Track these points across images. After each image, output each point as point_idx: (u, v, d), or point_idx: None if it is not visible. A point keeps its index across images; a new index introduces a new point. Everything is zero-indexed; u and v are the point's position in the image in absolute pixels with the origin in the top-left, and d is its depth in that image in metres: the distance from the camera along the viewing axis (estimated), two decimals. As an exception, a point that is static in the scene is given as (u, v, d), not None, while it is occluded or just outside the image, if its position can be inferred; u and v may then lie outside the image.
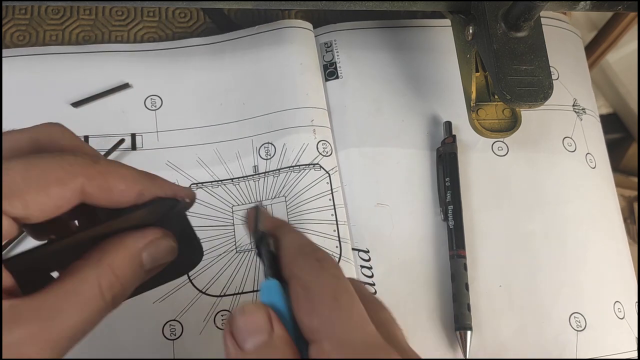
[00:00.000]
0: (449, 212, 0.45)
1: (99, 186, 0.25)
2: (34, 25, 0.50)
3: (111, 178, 0.25)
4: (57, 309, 0.23)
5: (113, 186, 0.25)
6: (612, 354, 0.44)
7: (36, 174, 0.24)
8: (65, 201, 0.24)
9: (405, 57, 0.51)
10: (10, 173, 0.23)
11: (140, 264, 0.26)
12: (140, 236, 0.26)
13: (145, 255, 0.26)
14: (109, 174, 0.25)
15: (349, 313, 0.24)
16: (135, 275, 0.26)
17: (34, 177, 0.23)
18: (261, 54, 0.49)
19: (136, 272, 0.26)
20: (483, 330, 0.43)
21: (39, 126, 0.27)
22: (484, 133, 0.45)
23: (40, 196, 0.23)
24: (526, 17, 0.40)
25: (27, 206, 0.23)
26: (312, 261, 0.26)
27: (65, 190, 0.24)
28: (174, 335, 0.41)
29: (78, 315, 0.24)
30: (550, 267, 0.46)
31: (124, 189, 0.26)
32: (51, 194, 0.24)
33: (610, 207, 0.50)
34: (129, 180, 0.26)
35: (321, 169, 0.46)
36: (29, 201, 0.23)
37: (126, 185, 0.26)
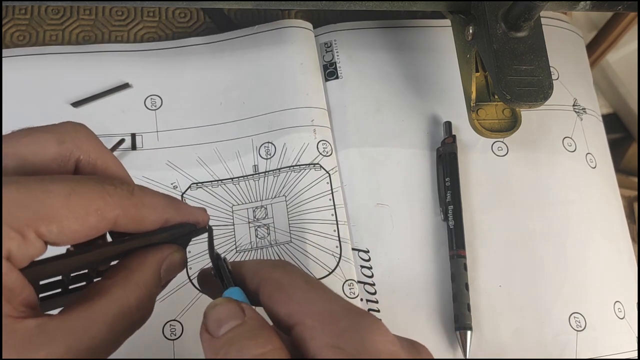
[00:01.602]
0: (449, 212, 0.45)
1: (132, 217, 0.25)
2: (34, 25, 0.50)
3: (144, 210, 0.26)
4: (87, 329, 0.23)
5: (144, 217, 0.26)
6: (612, 354, 0.44)
7: (78, 202, 0.23)
8: (97, 230, 0.24)
9: (405, 57, 0.51)
10: (53, 197, 0.23)
11: (159, 278, 0.27)
12: (159, 252, 0.27)
13: (162, 271, 0.27)
14: (143, 206, 0.26)
15: (322, 289, 0.25)
16: (155, 293, 0.27)
17: (75, 206, 0.23)
18: (261, 54, 0.49)
19: (156, 290, 0.27)
20: (483, 330, 0.43)
21: (65, 126, 0.27)
22: (484, 133, 0.45)
23: (77, 225, 0.23)
24: (526, 17, 0.40)
25: (62, 232, 0.23)
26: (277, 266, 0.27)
27: (100, 222, 0.24)
28: (174, 335, 0.41)
29: (106, 335, 0.24)
30: (550, 267, 0.46)
31: (153, 220, 0.26)
32: (88, 223, 0.24)
33: (611, 207, 0.50)
34: (158, 210, 0.27)
35: (321, 169, 0.46)
36: (65, 228, 0.23)
37: (156, 216, 0.26)
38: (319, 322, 0.24)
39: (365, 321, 0.24)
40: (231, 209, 0.45)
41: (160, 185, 0.45)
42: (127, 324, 0.25)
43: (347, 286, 0.43)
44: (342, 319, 0.24)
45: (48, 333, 0.22)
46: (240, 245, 0.44)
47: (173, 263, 0.27)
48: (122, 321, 0.24)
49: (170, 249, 0.28)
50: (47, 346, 0.22)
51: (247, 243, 0.44)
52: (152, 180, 0.45)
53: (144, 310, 0.25)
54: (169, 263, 0.27)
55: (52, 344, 0.22)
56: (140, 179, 0.45)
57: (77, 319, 0.23)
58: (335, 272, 0.43)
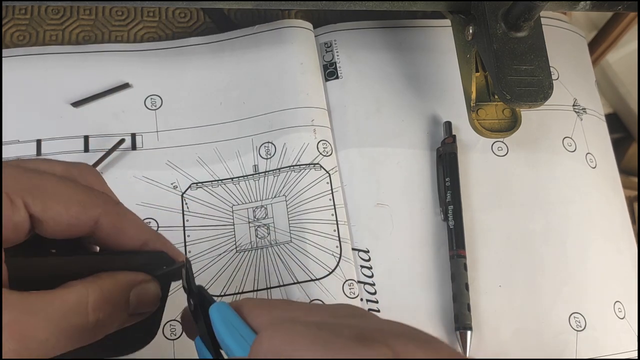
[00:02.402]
0: (449, 212, 0.45)
1: (113, 224, 0.27)
2: (34, 25, 0.50)
3: (125, 220, 0.28)
4: (40, 307, 0.24)
5: (125, 228, 0.28)
6: (612, 354, 0.44)
7: (65, 190, 0.26)
8: (79, 224, 0.26)
9: (405, 57, 0.51)
10: (43, 178, 0.26)
11: (127, 301, 0.27)
12: (132, 275, 0.28)
13: (132, 294, 0.27)
14: (124, 216, 0.28)
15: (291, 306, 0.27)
16: (120, 309, 0.27)
17: (61, 190, 0.26)
18: (261, 54, 0.49)
19: (122, 307, 0.27)
20: (483, 330, 0.43)
21: (76, 164, 0.29)
22: (484, 133, 0.45)
23: (60, 207, 0.26)
24: (526, 17, 0.40)
25: (45, 209, 0.25)
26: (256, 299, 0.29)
27: (83, 214, 0.26)
28: (174, 335, 0.41)
29: (59, 322, 0.24)
30: (550, 267, 0.46)
31: (133, 235, 0.28)
32: (70, 211, 0.26)
33: (611, 207, 0.50)
34: (139, 227, 0.28)
35: (321, 169, 0.46)
36: (48, 206, 0.25)
37: (135, 231, 0.28)
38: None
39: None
40: (231, 209, 0.45)
41: (160, 185, 0.45)
42: (80, 320, 0.25)
43: (347, 286, 0.43)
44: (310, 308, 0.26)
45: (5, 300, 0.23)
46: (240, 245, 0.44)
47: (145, 292, 0.28)
48: (76, 314, 0.25)
49: (145, 277, 0.28)
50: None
51: (247, 243, 0.44)
52: (152, 180, 0.45)
53: (99, 316, 0.26)
54: (140, 290, 0.28)
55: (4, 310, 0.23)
56: (140, 179, 0.45)
57: (32, 297, 0.24)
58: (335, 272, 0.43)
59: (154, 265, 0.29)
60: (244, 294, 0.42)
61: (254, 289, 0.42)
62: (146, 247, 0.29)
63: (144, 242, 0.28)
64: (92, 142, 0.45)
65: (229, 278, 0.42)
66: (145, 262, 0.28)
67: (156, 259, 0.29)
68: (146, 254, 0.29)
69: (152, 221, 0.44)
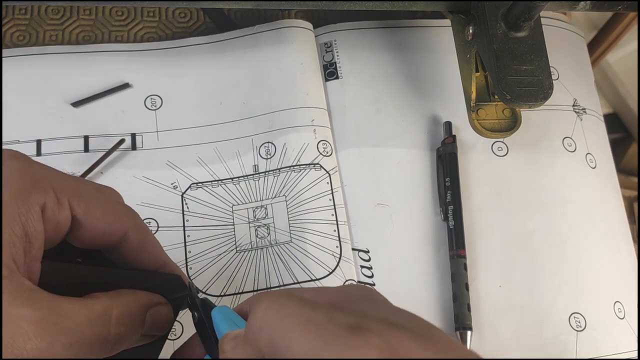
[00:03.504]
0: (449, 212, 0.45)
1: (138, 240, 0.28)
2: (34, 25, 0.50)
3: (149, 236, 0.29)
4: (68, 312, 0.24)
5: (148, 246, 0.29)
6: (612, 354, 0.44)
7: (102, 198, 0.28)
8: (111, 233, 0.27)
9: (405, 57, 0.51)
10: (86, 186, 0.27)
11: (143, 320, 0.28)
12: (151, 296, 0.28)
13: (148, 315, 0.28)
14: (149, 235, 0.29)
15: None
16: (137, 327, 0.27)
17: (100, 199, 0.27)
18: (261, 54, 0.49)
19: (139, 326, 0.27)
20: (483, 330, 0.43)
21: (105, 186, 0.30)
22: (484, 133, 0.45)
23: (99, 213, 0.27)
24: (526, 17, 0.40)
25: (87, 212, 0.26)
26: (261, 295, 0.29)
27: (116, 224, 0.27)
28: (174, 335, 0.41)
29: (83, 329, 0.24)
30: (550, 267, 0.46)
31: (154, 254, 0.29)
32: (106, 218, 0.27)
33: (611, 207, 0.50)
34: (159, 249, 0.30)
35: (321, 169, 0.46)
36: (89, 210, 0.26)
37: (157, 251, 0.30)
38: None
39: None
40: (231, 209, 0.45)
41: (160, 185, 0.45)
42: (103, 331, 0.25)
43: (347, 286, 0.43)
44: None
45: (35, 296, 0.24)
46: (240, 245, 0.44)
47: (160, 314, 0.28)
48: (100, 324, 0.25)
49: (161, 299, 0.29)
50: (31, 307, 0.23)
51: (247, 243, 0.44)
52: (152, 180, 0.45)
53: (120, 330, 0.26)
54: (156, 312, 0.28)
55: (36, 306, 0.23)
56: (140, 179, 0.45)
57: (62, 300, 0.24)
58: (335, 272, 0.43)
59: (169, 288, 0.29)
60: (244, 294, 0.42)
61: (254, 289, 0.42)
62: (163, 269, 0.30)
63: (162, 263, 0.30)
64: (92, 142, 0.45)
65: (229, 278, 0.42)
66: (162, 283, 0.29)
67: (172, 282, 0.29)
68: (164, 276, 0.29)
69: (152, 221, 0.44)
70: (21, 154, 0.26)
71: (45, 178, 0.25)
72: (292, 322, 0.21)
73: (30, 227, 0.24)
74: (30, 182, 0.25)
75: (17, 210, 0.24)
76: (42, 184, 0.25)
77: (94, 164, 0.44)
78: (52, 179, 0.26)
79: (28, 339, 0.23)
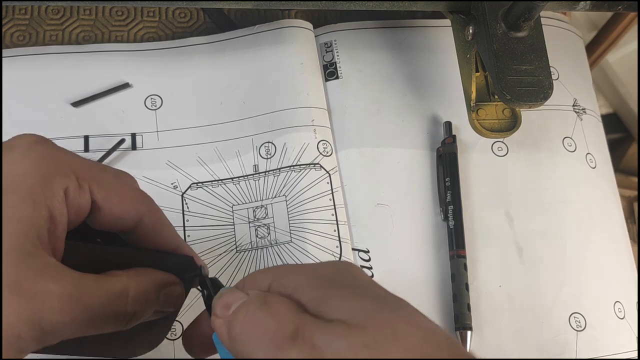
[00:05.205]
0: (449, 212, 0.45)
1: (154, 224, 0.30)
2: (34, 25, 0.50)
3: (164, 221, 0.30)
4: (90, 288, 0.25)
5: (163, 230, 0.30)
6: (612, 354, 0.44)
7: (120, 185, 0.29)
8: (128, 217, 0.29)
9: (405, 57, 0.51)
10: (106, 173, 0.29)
11: (157, 298, 0.29)
12: (166, 276, 0.30)
13: (162, 294, 0.29)
14: (164, 219, 0.31)
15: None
16: (151, 305, 0.28)
17: (118, 185, 0.29)
18: (261, 54, 0.49)
19: (153, 303, 0.29)
20: (483, 330, 0.43)
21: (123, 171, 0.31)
22: (484, 133, 0.45)
23: (116, 199, 0.28)
24: (526, 17, 0.40)
25: (105, 197, 0.28)
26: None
27: (133, 209, 0.29)
28: (174, 335, 0.41)
29: (103, 304, 0.26)
30: (550, 267, 0.46)
31: (168, 237, 0.31)
32: (123, 203, 0.28)
33: (610, 207, 0.50)
34: (174, 233, 0.31)
35: (321, 169, 0.46)
36: (108, 195, 0.28)
37: (171, 235, 0.31)
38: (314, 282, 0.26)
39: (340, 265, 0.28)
40: (231, 209, 0.45)
41: (160, 185, 0.45)
42: (120, 307, 0.26)
43: (347, 286, 0.43)
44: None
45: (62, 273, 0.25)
46: (241, 245, 0.44)
47: (173, 293, 0.30)
48: (118, 301, 0.26)
49: (176, 280, 0.30)
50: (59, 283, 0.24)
51: (247, 243, 0.44)
52: (152, 180, 0.45)
53: (136, 307, 0.27)
54: (169, 291, 0.29)
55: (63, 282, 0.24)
56: (140, 179, 0.45)
57: (85, 277, 0.26)
58: (335, 272, 0.43)
59: (181, 268, 0.30)
60: (244, 294, 0.42)
61: (254, 289, 0.42)
62: (178, 250, 0.31)
63: (176, 246, 0.31)
64: (92, 142, 0.45)
65: (229, 278, 0.42)
66: (176, 264, 0.30)
67: (185, 263, 0.31)
68: (177, 257, 0.31)
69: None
70: (45, 139, 0.28)
71: (68, 163, 0.27)
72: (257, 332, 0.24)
73: (55, 210, 0.26)
74: (54, 167, 0.26)
75: (42, 194, 0.25)
76: (65, 170, 0.27)
77: (94, 164, 0.44)
78: (74, 164, 0.27)
79: (54, 313, 0.24)
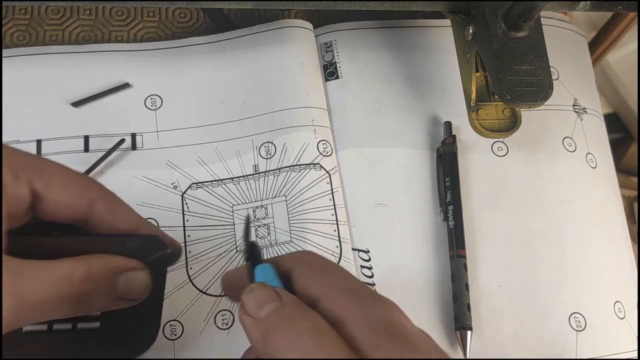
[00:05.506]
0: (449, 212, 0.45)
1: (107, 206, 0.29)
2: (34, 25, 0.50)
3: (118, 204, 0.30)
4: (31, 275, 0.26)
5: (119, 213, 0.30)
6: (612, 354, 0.44)
7: (63, 172, 0.29)
8: (76, 204, 0.28)
9: (405, 57, 0.51)
10: (45, 162, 0.29)
11: (114, 284, 0.29)
12: (124, 261, 0.29)
13: (121, 279, 0.29)
14: (118, 202, 0.30)
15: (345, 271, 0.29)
16: (106, 289, 0.28)
17: (61, 172, 0.29)
18: (261, 54, 0.49)
19: (108, 288, 0.28)
20: (483, 330, 0.43)
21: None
22: (484, 133, 0.45)
23: (60, 186, 0.28)
24: (526, 17, 0.40)
25: (47, 186, 0.28)
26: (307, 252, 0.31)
27: (80, 195, 0.29)
28: (174, 335, 0.41)
29: (48, 288, 0.26)
30: (550, 267, 0.46)
31: (126, 219, 0.30)
32: (68, 190, 0.28)
33: (611, 207, 0.50)
34: (132, 214, 0.31)
35: (321, 169, 0.46)
36: (49, 183, 0.28)
37: (128, 217, 0.30)
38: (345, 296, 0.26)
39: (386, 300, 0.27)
40: (231, 209, 0.45)
41: (160, 185, 0.45)
42: (68, 290, 0.27)
43: (347, 286, 0.43)
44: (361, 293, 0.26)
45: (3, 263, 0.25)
46: (241, 245, 0.44)
47: (134, 279, 0.29)
48: (64, 284, 0.27)
49: (137, 265, 0.30)
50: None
51: (247, 243, 0.44)
52: (152, 180, 0.45)
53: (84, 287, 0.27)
54: (129, 277, 0.29)
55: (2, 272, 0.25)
56: (140, 179, 0.45)
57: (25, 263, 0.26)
58: (335, 272, 0.43)
59: (147, 249, 0.30)
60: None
61: (254, 289, 0.42)
62: (139, 231, 0.30)
63: (136, 225, 0.30)
64: (92, 142, 0.45)
65: (229, 278, 0.43)
66: (140, 245, 0.30)
67: (150, 243, 0.30)
68: (141, 238, 0.30)
69: (152, 221, 0.44)
70: None
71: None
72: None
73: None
74: None
75: None
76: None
77: (94, 164, 0.44)
78: (7, 155, 0.27)
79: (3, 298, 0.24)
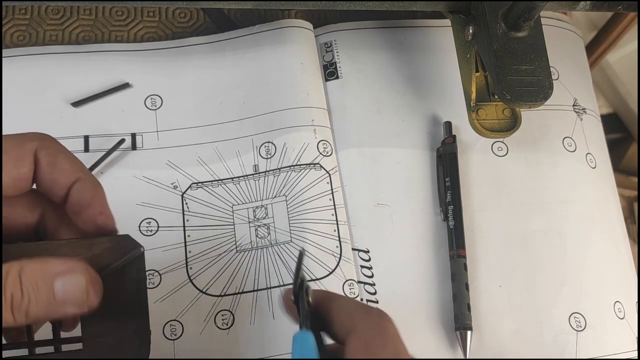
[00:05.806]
0: (449, 212, 0.45)
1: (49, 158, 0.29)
2: (34, 25, 0.50)
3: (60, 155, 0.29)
4: None
5: (60, 162, 0.29)
6: (612, 354, 0.44)
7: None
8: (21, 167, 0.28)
9: (405, 57, 0.51)
10: None
11: (51, 289, 0.27)
12: (57, 265, 0.28)
13: (57, 284, 0.27)
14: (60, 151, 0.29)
15: None
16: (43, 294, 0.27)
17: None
18: (261, 54, 0.49)
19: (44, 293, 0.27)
20: (483, 330, 0.43)
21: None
22: (484, 133, 0.45)
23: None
24: (526, 17, 0.40)
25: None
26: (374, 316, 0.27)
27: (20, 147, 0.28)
28: (174, 335, 0.41)
29: None
30: (550, 267, 0.46)
31: (67, 169, 0.29)
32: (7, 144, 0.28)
33: (610, 207, 0.50)
34: (74, 163, 0.30)
35: (321, 169, 0.46)
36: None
37: (69, 166, 0.29)
38: None
39: None
40: (231, 209, 0.45)
41: (160, 185, 0.45)
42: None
43: (347, 286, 0.43)
44: None
45: None
46: (241, 245, 0.44)
47: (72, 283, 0.28)
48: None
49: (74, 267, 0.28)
50: None
51: (247, 243, 0.44)
52: (152, 180, 0.45)
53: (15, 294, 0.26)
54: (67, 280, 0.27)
55: None
56: (140, 179, 0.45)
57: None
58: (335, 272, 0.43)
59: (120, 249, 0.29)
60: (244, 294, 0.42)
61: (254, 288, 0.42)
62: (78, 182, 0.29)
63: (76, 178, 0.29)
64: (92, 142, 0.45)
65: (229, 278, 0.43)
66: (111, 246, 0.29)
67: (121, 242, 0.29)
68: (110, 238, 0.29)
69: (152, 221, 0.44)
70: None
71: None
72: None
73: None
74: None
75: None
76: None
77: (94, 164, 0.44)
78: None
79: None
